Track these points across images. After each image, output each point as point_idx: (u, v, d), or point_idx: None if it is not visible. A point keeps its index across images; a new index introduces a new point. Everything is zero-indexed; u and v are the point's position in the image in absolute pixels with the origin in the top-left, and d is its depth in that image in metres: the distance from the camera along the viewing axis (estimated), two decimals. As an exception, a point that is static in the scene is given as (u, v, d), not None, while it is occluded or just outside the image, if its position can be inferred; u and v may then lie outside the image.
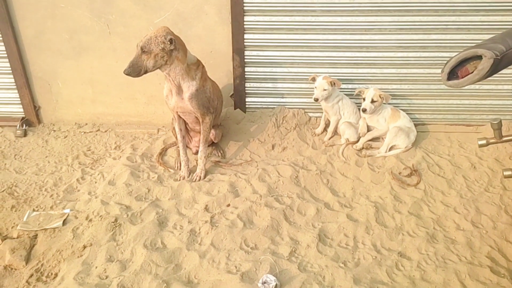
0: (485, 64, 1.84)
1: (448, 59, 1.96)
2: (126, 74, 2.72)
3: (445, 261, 2.41)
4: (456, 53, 1.92)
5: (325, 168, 3.29)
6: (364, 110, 3.39)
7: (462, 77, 1.93)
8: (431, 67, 3.61)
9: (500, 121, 2.11)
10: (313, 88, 3.50)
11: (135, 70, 2.72)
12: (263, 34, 3.59)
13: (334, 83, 3.41)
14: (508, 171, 2.22)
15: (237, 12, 3.47)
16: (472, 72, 1.89)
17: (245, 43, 3.62)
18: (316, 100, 3.44)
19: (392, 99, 3.50)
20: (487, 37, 2.08)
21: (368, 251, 2.49)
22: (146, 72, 2.77)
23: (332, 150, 3.51)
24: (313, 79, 3.47)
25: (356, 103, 3.68)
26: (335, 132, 3.70)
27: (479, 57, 1.86)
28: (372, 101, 3.36)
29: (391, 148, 3.46)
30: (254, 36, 3.60)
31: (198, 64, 3.01)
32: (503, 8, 3.33)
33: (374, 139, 3.58)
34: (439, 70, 2.02)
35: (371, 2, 3.39)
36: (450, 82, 1.96)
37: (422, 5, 3.38)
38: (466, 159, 3.36)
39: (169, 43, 2.71)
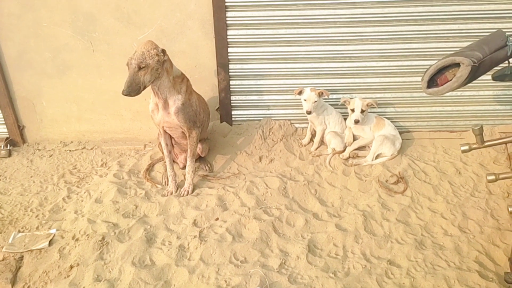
0: (463, 72, 1.88)
1: (428, 67, 2.00)
2: (126, 95, 2.66)
3: (434, 267, 2.42)
4: (435, 61, 1.96)
5: (312, 179, 3.30)
6: (357, 121, 3.42)
7: (442, 85, 1.96)
8: (413, 75, 3.67)
9: (481, 127, 2.15)
10: (298, 99, 3.53)
11: (135, 88, 2.67)
12: (246, 48, 3.62)
13: (323, 93, 3.45)
14: (491, 176, 2.24)
15: (220, 26, 3.50)
16: (451, 80, 1.93)
17: (229, 57, 3.65)
18: (309, 113, 3.45)
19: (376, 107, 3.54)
20: (465, 44, 2.13)
21: (357, 260, 2.49)
22: (144, 88, 2.73)
23: (319, 160, 3.53)
24: (300, 93, 3.50)
25: (342, 112, 3.72)
26: (322, 142, 3.72)
27: (457, 65, 1.90)
28: (362, 111, 3.39)
29: (377, 156, 3.49)
30: (238, 49, 3.63)
31: (183, 77, 3.01)
32: (480, 16, 3.41)
33: (360, 148, 3.61)
34: (421, 78, 2.06)
35: (352, 14, 3.45)
36: (430, 90, 2.00)
37: (401, 15, 3.44)
38: (451, 165, 3.40)
39: (162, 54, 2.73)
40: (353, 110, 3.44)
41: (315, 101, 3.43)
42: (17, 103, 3.89)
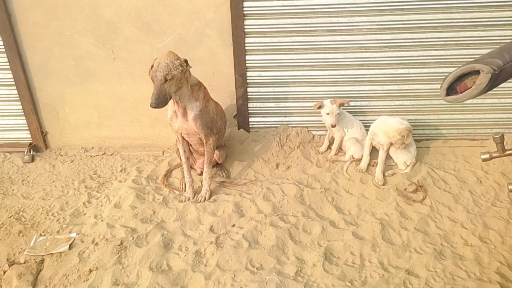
0: (483, 79, 1.85)
1: (447, 74, 1.98)
2: (154, 107, 2.67)
3: (453, 278, 2.37)
4: (455, 68, 1.94)
5: (329, 186, 3.28)
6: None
7: (461, 92, 1.93)
8: (432, 82, 3.63)
9: (502, 135, 2.11)
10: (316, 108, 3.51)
11: (163, 100, 2.69)
12: (264, 55, 3.65)
13: (343, 104, 3.45)
14: (513, 185, 2.20)
15: (238, 34, 3.54)
16: (471, 87, 1.91)
17: (247, 64, 3.68)
18: (334, 126, 3.45)
19: (395, 115, 3.51)
20: (485, 51, 2.10)
21: (375, 269, 2.46)
22: (170, 99, 2.78)
23: (336, 167, 3.51)
24: (320, 107, 3.47)
25: (361, 120, 3.71)
26: (339, 149, 3.70)
27: (477, 72, 1.87)
28: None
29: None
30: (256, 57, 3.66)
31: (200, 85, 3.05)
32: (500, 23, 3.37)
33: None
34: (440, 86, 2.04)
35: (370, 21, 3.44)
36: (449, 98, 1.97)
37: (421, 22, 3.42)
38: (471, 174, 3.34)
39: (185, 64, 2.77)
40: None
41: (338, 113, 3.43)
42: (41, 109, 4.00)
